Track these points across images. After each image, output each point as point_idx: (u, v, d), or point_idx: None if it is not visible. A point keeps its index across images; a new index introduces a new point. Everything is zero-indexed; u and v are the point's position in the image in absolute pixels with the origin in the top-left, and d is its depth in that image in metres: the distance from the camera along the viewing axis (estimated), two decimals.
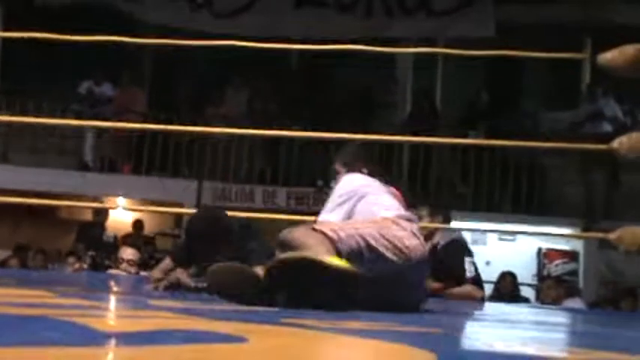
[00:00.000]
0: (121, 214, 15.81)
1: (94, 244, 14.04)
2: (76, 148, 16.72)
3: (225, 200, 15.50)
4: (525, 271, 14.87)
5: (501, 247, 15.78)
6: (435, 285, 7.38)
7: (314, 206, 14.58)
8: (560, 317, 6.45)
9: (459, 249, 7.96)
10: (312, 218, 10.06)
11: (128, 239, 14.10)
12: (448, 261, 7.66)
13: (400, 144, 14.93)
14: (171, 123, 14.06)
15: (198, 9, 16.86)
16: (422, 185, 15.59)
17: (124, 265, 10.30)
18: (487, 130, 14.98)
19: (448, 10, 16.29)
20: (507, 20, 15.97)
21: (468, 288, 7.80)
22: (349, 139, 10.69)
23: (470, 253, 7.95)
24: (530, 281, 15.22)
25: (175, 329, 2.61)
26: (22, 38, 7.92)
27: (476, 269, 7.94)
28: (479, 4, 16.19)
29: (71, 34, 8.51)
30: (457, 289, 7.72)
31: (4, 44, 16.65)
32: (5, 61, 17.16)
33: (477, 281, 7.98)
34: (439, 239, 7.72)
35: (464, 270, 7.77)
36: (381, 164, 15.24)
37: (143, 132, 15.76)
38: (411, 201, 6.05)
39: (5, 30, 16.37)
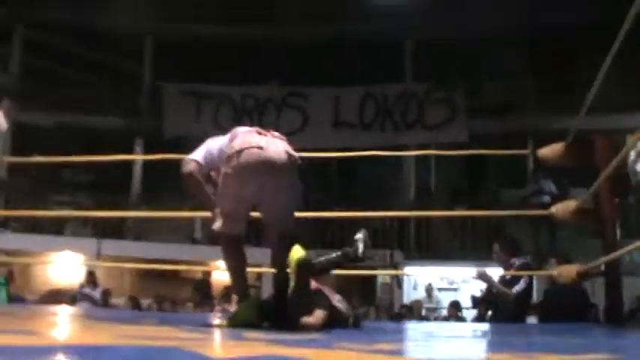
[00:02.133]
0: (221, 275, 15.68)
1: (204, 294, 14.07)
2: (189, 228, 16.66)
3: None
4: None
5: None
6: None
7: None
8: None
9: None
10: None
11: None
12: None
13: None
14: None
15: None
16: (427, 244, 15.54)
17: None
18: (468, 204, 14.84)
19: (437, 124, 16.47)
20: (476, 130, 16.05)
21: None
22: (372, 216, 10.79)
23: None
24: None
25: (266, 354, 2.62)
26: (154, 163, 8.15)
27: None
28: (458, 120, 16.35)
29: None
30: None
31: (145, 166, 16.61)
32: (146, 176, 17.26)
33: None
34: None
35: None
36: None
37: None
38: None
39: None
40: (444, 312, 13.60)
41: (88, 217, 15.48)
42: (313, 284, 4.68)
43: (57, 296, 13.20)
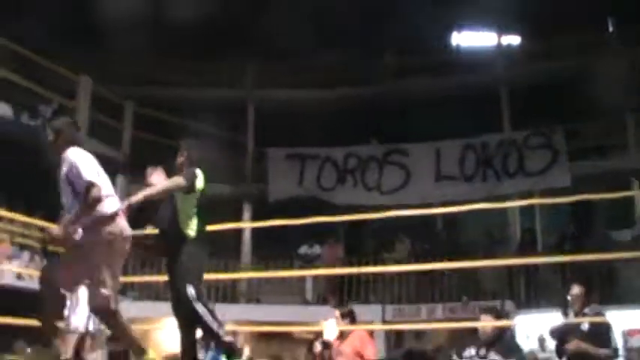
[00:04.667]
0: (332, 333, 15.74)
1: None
2: (300, 290, 16.91)
3: (400, 317, 15.46)
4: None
5: None
6: None
7: (462, 314, 14.56)
8: None
9: None
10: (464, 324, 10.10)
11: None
12: None
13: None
14: (360, 266, 14.22)
15: (371, 190, 17.34)
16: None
17: None
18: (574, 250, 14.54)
19: (539, 170, 16.36)
20: (578, 172, 15.88)
21: None
22: (479, 266, 10.83)
23: None
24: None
25: None
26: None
27: None
28: (559, 164, 16.22)
29: (291, 218, 9.23)
30: None
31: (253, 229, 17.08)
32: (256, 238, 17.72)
33: None
34: None
35: None
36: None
37: (342, 275, 15.74)
38: None
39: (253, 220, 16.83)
40: None
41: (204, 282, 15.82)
42: None
43: None
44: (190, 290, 5.95)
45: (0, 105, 14.29)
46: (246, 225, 16.80)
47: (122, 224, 5.29)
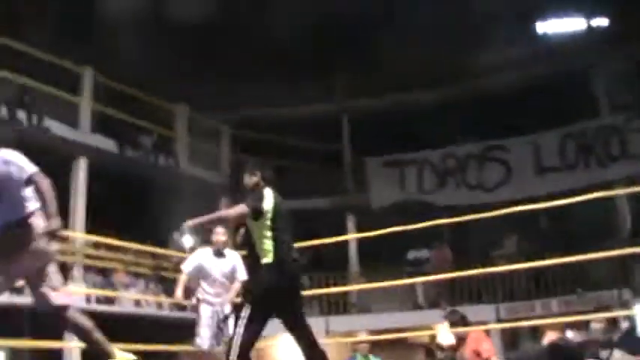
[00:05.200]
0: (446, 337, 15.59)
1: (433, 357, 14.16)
2: (411, 295, 16.91)
3: (514, 314, 15.28)
4: None
5: None
6: None
7: (578, 307, 14.28)
8: None
9: None
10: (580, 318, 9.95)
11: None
12: None
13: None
14: (468, 268, 14.10)
15: (473, 189, 17.25)
16: None
17: None
18: None
19: None
20: None
21: None
22: (591, 258, 10.63)
23: None
24: None
25: None
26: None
27: None
28: None
29: (395, 225, 9.31)
30: None
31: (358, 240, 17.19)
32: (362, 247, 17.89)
33: None
34: None
35: None
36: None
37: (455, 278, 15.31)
38: None
39: (359, 231, 16.88)
40: None
41: (314, 295, 16.03)
42: None
43: None
44: (246, 313, 5.76)
45: (106, 140, 14.83)
46: (352, 236, 16.92)
47: None
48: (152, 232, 14.49)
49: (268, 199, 5.95)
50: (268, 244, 5.85)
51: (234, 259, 8.77)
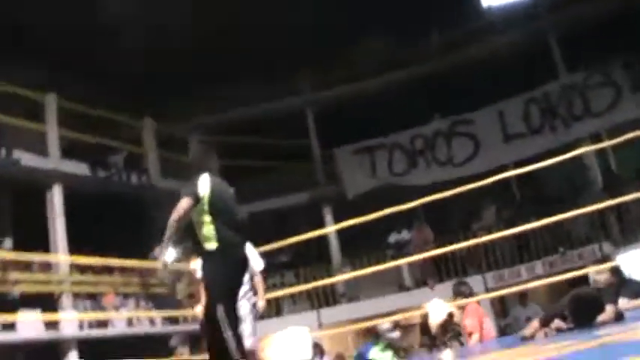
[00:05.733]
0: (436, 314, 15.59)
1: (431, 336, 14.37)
2: (397, 278, 17.06)
3: (501, 282, 15.50)
4: None
5: None
6: None
7: (562, 266, 14.54)
8: None
9: None
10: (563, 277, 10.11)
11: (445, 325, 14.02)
12: None
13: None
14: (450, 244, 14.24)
15: (444, 165, 17.45)
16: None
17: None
18: None
19: (605, 108, 16.27)
20: None
21: None
22: (568, 217, 10.83)
23: None
24: None
25: None
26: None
27: None
28: (624, 98, 16.10)
29: (372, 211, 9.47)
30: None
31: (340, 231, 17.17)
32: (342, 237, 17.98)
33: None
34: None
35: None
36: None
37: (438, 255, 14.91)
38: None
39: (337, 221, 16.86)
40: None
41: (302, 291, 16.11)
42: None
43: None
44: (220, 311, 5.49)
45: (77, 164, 14.81)
46: (331, 229, 17.04)
47: None
48: (134, 249, 14.52)
49: (204, 184, 5.75)
50: (211, 230, 5.66)
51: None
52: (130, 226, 15.19)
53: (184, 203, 5.61)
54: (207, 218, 5.68)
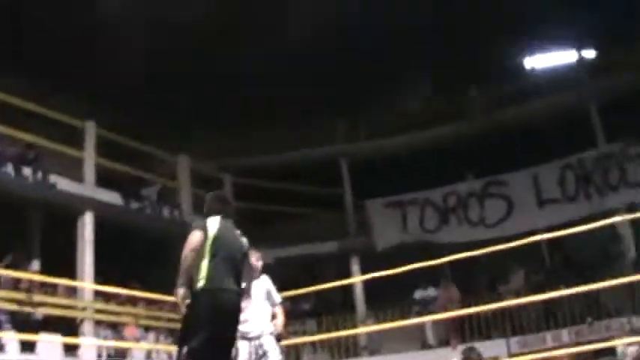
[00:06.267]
0: None
1: None
2: (420, 334, 16.87)
3: (525, 347, 15.24)
4: None
5: None
6: None
7: (589, 336, 14.29)
8: None
9: None
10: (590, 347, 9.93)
11: None
12: None
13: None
14: (475, 304, 14.08)
15: (475, 226, 17.36)
16: None
17: None
18: None
19: None
20: None
21: None
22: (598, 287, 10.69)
23: None
24: None
25: None
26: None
27: None
28: None
29: (399, 265, 9.40)
30: None
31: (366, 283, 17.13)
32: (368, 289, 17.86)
33: None
34: None
35: None
36: None
37: (463, 316, 15.22)
38: None
39: (364, 273, 16.80)
40: None
41: (324, 340, 15.99)
42: None
43: None
44: (181, 352, 5.45)
45: (110, 193, 14.95)
46: (358, 279, 16.96)
47: None
48: (159, 283, 14.54)
49: (212, 225, 5.74)
50: (204, 269, 5.56)
51: (266, 281, 8.02)
52: (157, 260, 15.22)
53: (197, 236, 5.60)
54: (205, 257, 5.61)
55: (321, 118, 18.51)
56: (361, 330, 16.26)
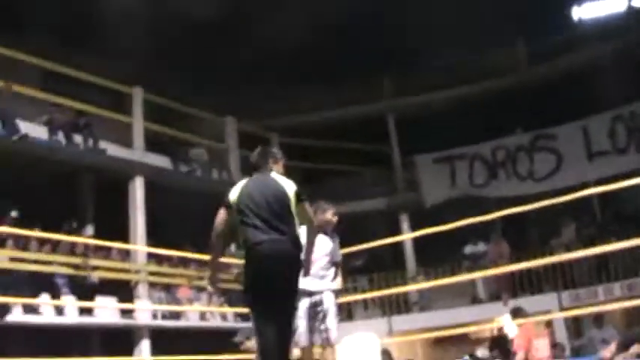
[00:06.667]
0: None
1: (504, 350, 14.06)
2: (471, 290, 16.91)
3: (577, 301, 15.19)
4: None
5: None
6: None
7: None
8: None
9: None
10: None
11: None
12: None
13: None
14: (526, 259, 14.05)
15: (524, 180, 17.24)
16: None
17: None
18: None
19: None
20: None
21: None
22: None
23: None
24: None
25: None
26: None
27: None
28: None
29: (449, 221, 9.39)
30: None
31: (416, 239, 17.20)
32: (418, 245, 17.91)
33: None
34: None
35: None
36: None
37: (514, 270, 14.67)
38: None
39: (413, 229, 16.90)
40: None
41: (374, 297, 16.10)
42: None
43: None
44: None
45: (160, 157, 15.13)
46: (407, 236, 16.99)
47: None
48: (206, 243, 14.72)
49: (235, 190, 5.68)
50: (240, 236, 5.54)
51: (334, 238, 7.79)
52: (208, 222, 15.41)
53: (219, 217, 5.61)
54: (240, 222, 5.55)
55: (368, 74, 18.44)
56: (412, 287, 16.33)
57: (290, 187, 5.69)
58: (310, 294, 7.21)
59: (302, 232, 5.83)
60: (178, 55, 15.81)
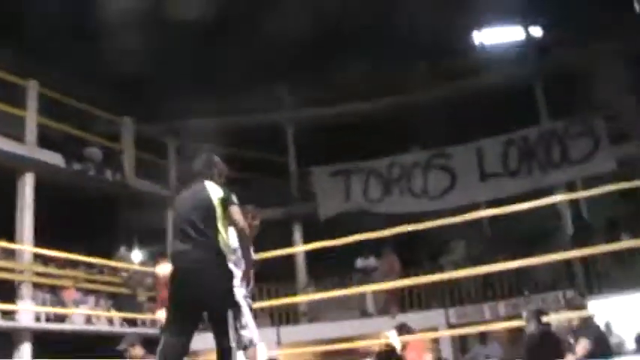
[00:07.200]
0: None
1: None
2: (360, 303, 17.02)
3: (463, 318, 15.50)
4: None
5: None
6: None
7: (525, 308, 14.53)
8: None
9: None
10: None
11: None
12: None
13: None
14: (416, 274, 14.29)
15: (418, 197, 17.49)
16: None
17: None
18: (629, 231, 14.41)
19: (582, 158, 16.28)
20: (622, 155, 15.80)
21: None
22: (535, 262, 10.85)
23: None
24: None
25: None
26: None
27: None
28: (602, 149, 16.11)
29: (342, 234, 9.41)
30: None
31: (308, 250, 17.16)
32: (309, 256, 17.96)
33: None
34: None
35: None
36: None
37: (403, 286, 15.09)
38: None
39: (306, 240, 16.95)
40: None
41: (264, 307, 16.01)
42: None
43: None
44: None
45: (52, 154, 14.65)
46: (300, 248, 16.99)
47: None
48: (100, 246, 14.39)
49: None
50: None
51: None
52: (99, 223, 15.06)
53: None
54: None
55: (266, 83, 18.41)
56: (302, 298, 16.33)
57: (216, 193, 5.64)
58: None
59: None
60: (77, 52, 15.39)
